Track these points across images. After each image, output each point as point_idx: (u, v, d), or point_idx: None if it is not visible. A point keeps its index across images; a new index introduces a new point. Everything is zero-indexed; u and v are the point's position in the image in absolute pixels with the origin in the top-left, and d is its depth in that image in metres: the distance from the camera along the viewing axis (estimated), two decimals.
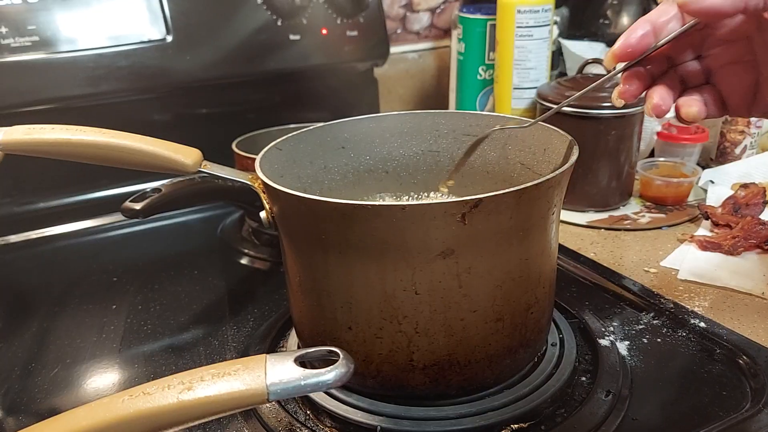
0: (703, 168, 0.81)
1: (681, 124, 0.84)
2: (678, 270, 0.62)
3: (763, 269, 0.61)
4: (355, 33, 0.87)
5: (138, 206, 0.55)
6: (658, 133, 0.85)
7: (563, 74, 1.04)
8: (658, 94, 0.41)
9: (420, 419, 0.42)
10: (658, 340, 0.52)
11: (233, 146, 0.73)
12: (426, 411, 0.42)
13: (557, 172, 0.39)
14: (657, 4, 0.42)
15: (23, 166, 0.76)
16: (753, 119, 0.83)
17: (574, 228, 0.73)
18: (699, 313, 0.55)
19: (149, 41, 0.77)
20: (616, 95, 0.42)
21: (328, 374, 0.29)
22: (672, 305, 0.56)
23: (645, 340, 0.52)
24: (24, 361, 0.54)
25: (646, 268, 0.63)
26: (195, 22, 0.78)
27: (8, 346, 0.56)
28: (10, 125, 0.47)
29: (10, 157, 0.47)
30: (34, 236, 0.78)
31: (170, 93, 0.81)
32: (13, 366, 0.53)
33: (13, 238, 0.77)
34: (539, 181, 0.38)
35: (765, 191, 0.73)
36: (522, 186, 0.37)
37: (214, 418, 0.30)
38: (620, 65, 0.42)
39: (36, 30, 0.71)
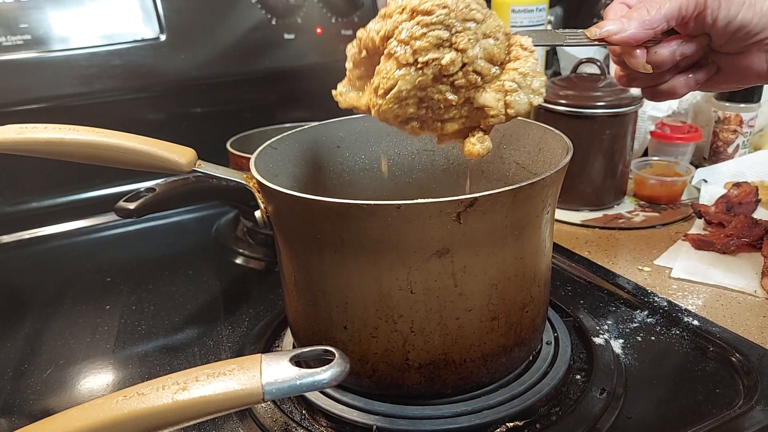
0: (697, 167, 0.81)
1: (674, 124, 0.85)
2: (671, 268, 0.62)
3: (755, 267, 0.62)
4: (349, 32, 0.87)
5: (132, 206, 0.55)
6: (651, 133, 0.85)
7: (557, 74, 1.04)
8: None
9: (416, 418, 0.42)
10: (652, 338, 0.52)
11: (228, 145, 0.73)
12: (422, 410, 0.42)
13: (552, 171, 0.39)
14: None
15: (16, 166, 0.75)
16: (746, 118, 0.83)
17: (569, 227, 0.73)
18: (692, 311, 0.55)
19: (143, 40, 0.76)
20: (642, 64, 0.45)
21: (324, 373, 0.29)
22: (666, 303, 0.56)
23: (639, 339, 0.52)
24: (17, 362, 0.54)
25: (640, 267, 0.64)
26: (189, 21, 0.78)
27: (1, 347, 0.56)
28: (3, 124, 0.47)
29: (3, 156, 0.47)
30: (27, 236, 0.77)
31: (164, 92, 0.80)
32: (5, 367, 0.53)
33: (6, 238, 0.77)
34: (534, 180, 0.38)
35: (757, 190, 0.73)
36: (517, 185, 0.37)
37: (209, 418, 0.30)
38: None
39: (28, 28, 0.71)
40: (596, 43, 0.45)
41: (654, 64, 0.45)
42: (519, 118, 0.51)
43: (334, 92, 0.43)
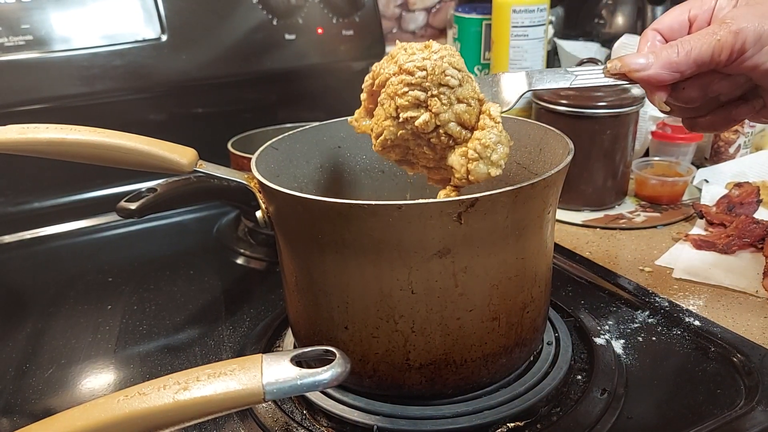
0: (698, 167, 0.81)
1: (675, 124, 0.85)
2: (673, 269, 0.62)
3: (756, 267, 0.61)
4: (350, 32, 0.87)
5: (133, 206, 0.55)
6: (652, 133, 0.85)
7: None
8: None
9: (416, 418, 0.42)
10: (653, 338, 0.52)
11: (229, 146, 0.73)
12: (422, 410, 0.42)
13: (553, 171, 0.39)
14: (651, 4, 0.43)
15: (18, 166, 0.75)
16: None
17: (570, 227, 0.73)
18: (693, 311, 0.55)
19: (144, 40, 0.76)
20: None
21: (325, 374, 0.29)
22: (667, 304, 0.56)
23: (640, 339, 0.52)
24: (18, 361, 0.54)
25: (641, 267, 0.63)
26: (190, 22, 0.78)
27: (2, 347, 0.56)
28: (4, 124, 0.47)
29: (5, 156, 0.47)
30: (29, 236, 0.77)
31: (165, 92, 0.81)
32: (7, 367, 0.53)
33: (8, 238, 0.77)
34: (535, 180, 0.38)
35: (759, 190, 0.73)
36: (518, 185, 0.37)
37: (210, 418, 0.30)
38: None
39: (30, 29, 0.71)
40: (611, 81, 0.41)
41: (682, 102, 0.41)
42: (519, 119, 0.52)
43: (349, 119, 0.46)
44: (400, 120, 0.40)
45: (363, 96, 0.44)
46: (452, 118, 0.40)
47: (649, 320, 0.55)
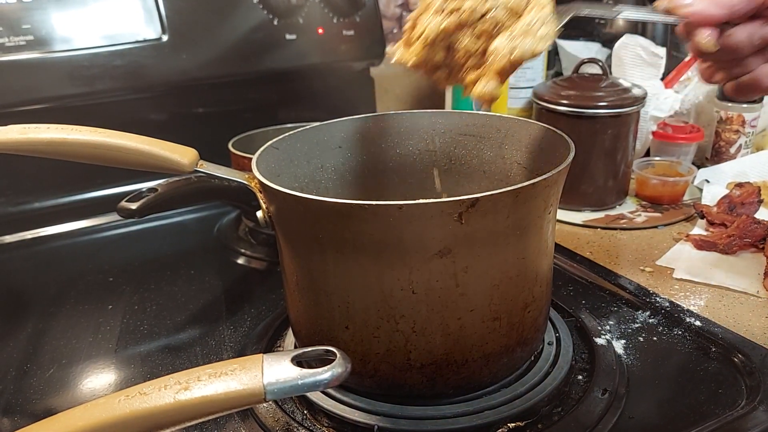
0: (699, 167, 0.81)
1: (676, 124, 0.85)
2: (673, 269, 0.62)
3: (757, 268, 0.61)
4: (351, 32, 0.87)
5: (134, 206, 0.55)
6: (653, 133, 0.85)
7: (559, 74, 1.04)
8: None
9: (417, 418, 0.42)
10: (654, 338, 0.52)
11: (229, 146, 0.73)
12: (423, 410, 0.42)
13: (553, 171, 0.39)
14: (651, 4, 0.42)
15: (18, 166, 0.76)
16: (748, 119, 0.83)
17: (571, 227, 0.73)
18: (694, 311, 0.55)
19: (145, 40, 0.76)
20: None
21: (325, 374, 0.29)
22: (668, 304, 0.56)
23: (641, 339, 0.52)
24: (19, 361, 0.54)
25: (642, 267, 0.63)
26: (191, 22, 0.78)
27: (3, 347, 0.56)
28: (5, 124, 0.47)
29: (6, 156, 0.47)
30: (30, 236, 0.78)
31: (166, 92, 0.81)
32: (8, 367, 0.53)
33: (9, 238, 0.77)
34: (536, 180, 0.38)
35: (760, 190, 0.73)
36: (518, 185, 0.37)
37: (211, 418, 0.30)
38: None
39: (31, 29, 0.71)
40: (658, 17, 0.40)
41: (728, 48, 0.39)
42: (520, 119, 0.51)
43: (387, 50, 0.47)
44: (447, 11, 0.41)
45: (407, 26, 0.45)
46: (500, 3, 0.40)
47: (650, 320, 0.55)
